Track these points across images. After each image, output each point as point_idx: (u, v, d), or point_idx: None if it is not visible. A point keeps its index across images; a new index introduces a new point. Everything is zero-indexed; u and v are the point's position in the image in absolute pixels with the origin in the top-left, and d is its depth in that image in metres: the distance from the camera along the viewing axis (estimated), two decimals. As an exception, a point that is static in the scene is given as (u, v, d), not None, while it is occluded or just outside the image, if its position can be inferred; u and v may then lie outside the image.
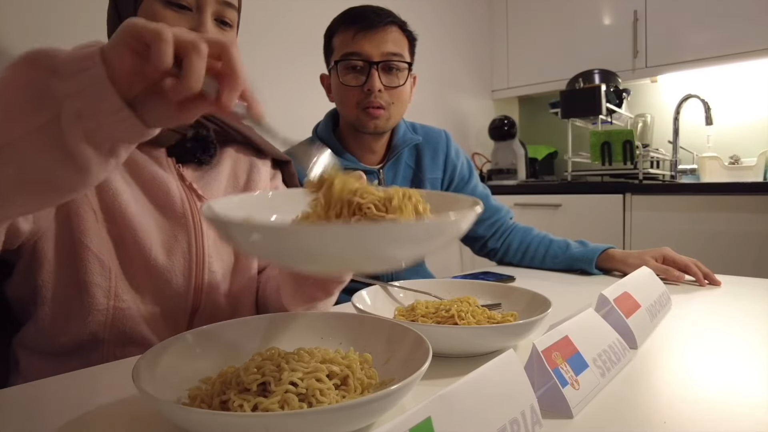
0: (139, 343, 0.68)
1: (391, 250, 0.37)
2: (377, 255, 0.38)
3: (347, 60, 1.06)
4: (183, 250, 0.70)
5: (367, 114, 1.08)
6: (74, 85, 0.37)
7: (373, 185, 0.44)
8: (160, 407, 0.38)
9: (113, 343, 0.67)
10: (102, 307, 0.65)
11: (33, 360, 0.68)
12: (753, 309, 0.82)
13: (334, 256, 0.37)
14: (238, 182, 0.80)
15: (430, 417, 0.30)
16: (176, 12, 0.64)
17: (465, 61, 2.82)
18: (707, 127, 2.36)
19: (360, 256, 0.38)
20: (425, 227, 0.39)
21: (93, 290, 0.64)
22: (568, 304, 0.78)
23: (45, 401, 0.49)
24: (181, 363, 0.50)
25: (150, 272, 0.68)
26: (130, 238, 0.67)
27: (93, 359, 0.66)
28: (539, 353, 0.45)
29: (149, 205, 0.70)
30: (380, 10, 1.08)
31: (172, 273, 0.69)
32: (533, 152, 2.90)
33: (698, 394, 0.49)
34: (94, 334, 0.65)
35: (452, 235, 0.40)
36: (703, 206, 2.00)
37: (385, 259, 0.39)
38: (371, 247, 0.36)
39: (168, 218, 0.70)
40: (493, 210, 1.28)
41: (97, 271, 0.64)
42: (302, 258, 0.39)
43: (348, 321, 0.59)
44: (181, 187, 0.72)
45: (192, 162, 0.75)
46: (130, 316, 0.66)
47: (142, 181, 0.69)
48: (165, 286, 0.69)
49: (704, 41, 2.29)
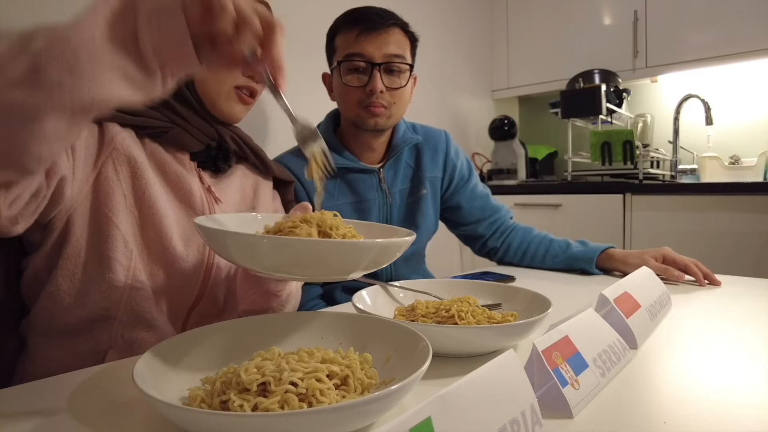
0: (146, 327, 0.72)
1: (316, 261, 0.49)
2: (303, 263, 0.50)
3: (350, 61, 1.06)
4: (199, 244, 0.77)
5: (368, 111, 1.08)
6: (155, 3, 0.44)
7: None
8: (161, 407, 0.38)
9: (123, 323, 0.71)
10: (120, 284, 0.69)
11: (41, 342, 0.71)
12: (753, 309, 0.82)
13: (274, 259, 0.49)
14: (246, 195, 0.88)
15: (430, 417, 0.30)
16: None
17: (465, 61, 2.81)
18: (707, 127, 2.36)
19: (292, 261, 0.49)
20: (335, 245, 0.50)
21: (114, 266, 0.69)
22: (568, 304, 0.78)
23: (44, 401, 0.49)
24: (182, 363, 0.50)
25: (167, 258, 0.73)
26: (154, 225, 0.72)
27: (101, 340, 0.70)
28: (539, 353, 0.45)
29: (173, 199, 0.76)
30: (383, 11, 1.08)
31: (187, 263, 0.75)
32: (533, 152, 2.90)
33: (698, 394, 0.49)
34: (107, 311, 0.70)
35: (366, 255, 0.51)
36: (703, 206, 2.00)
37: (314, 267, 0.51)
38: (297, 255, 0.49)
39: (188, 213, 0.77)
40: (493, 209, 1.28)
41: (121, 249, 0.69)
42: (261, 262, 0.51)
43: (348, 321, 0.60)
44: (201, 188, 0.79)
45: (210, 169, 0.82)
46: (143, 298, 0.71)
47: (168, 177, 0.76)
48: (177, 274, 0.75)
49: (704, 41, 2.29)
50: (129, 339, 0.71)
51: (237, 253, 0.51)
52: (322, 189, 0.61)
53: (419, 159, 1.22)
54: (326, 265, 0.50)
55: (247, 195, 0.88)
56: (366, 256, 0.51)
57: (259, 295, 0.74)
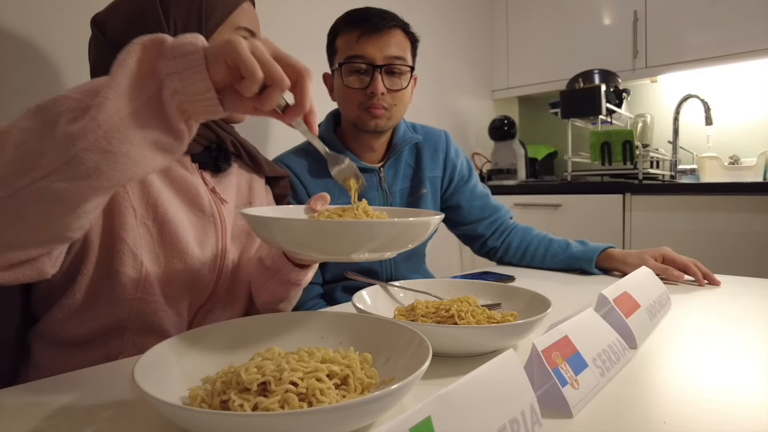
0: (158, 333, 0.73)
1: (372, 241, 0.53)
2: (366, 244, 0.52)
3: (351, 63, 1.06)
4: (212, 245, 0.78)
5: (368, 113, 1.08)
6: (177, 65, 0.45)
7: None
8: (161, 407, 0.38)
9: (134, 331, 0.72)
10: (130, 297, 0.70)
11: (47, 351, 0.72)
12: (752, 309, 0.82)
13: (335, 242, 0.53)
14: (242, 191, 0.89)
15: (430, 417, 0.30)
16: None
17: (465, 61, 2.81)
18: (707, 127, 2.36)
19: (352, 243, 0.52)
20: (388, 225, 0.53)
21: (124, 280, 0.69)
22: (567, 303, 0.78)
23: (45, 401, 0.49)
24: (182, 363, 0.50)
25: (186, 264, 0.74)
26: (170, 232, 0.73)
27: (112, 347, 0.71)
28: (539, 353, 0.46)
29: (183, 204, 0.77)
30: (384, 12, 1.08)
31: (205, 265, 0.77)
32: (533, 152, 2.90)
33: (698, 394, 0.49)
34: (119, 321, 0.71)
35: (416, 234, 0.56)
36: (703, 206, 2.00)
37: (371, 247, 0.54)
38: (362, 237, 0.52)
39: (199, 216, 0.78)
40: (492, 209, 1.28)
41: (130, 263, 0.70)
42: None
43: (348, 321, 0.60)
44: (206, 190, 0.80)
45: (210, 169, 0.83)
46: (154, 307, 0.72)
47: (175, 181, 0.76)
48: (196, 276, 0.76)
49: (704, 41, 2.29)
50: (140, 344, 0.72)
51: (306, 239, 0.54)
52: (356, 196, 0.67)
53: (419, 158, 1.23)
54: (380, 241, 0.53)
55: (243, 191, 0.89)
56: (411, 233, 0.55)
57: (279, 285, 0.76)
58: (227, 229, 0.81)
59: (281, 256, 0.74)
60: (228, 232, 0.81)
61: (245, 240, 0.86)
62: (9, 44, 1.12)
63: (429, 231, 0.59)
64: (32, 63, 1.16)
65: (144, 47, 0.46)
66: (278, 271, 0.75)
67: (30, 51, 1.16)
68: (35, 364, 0.71)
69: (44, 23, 1.16)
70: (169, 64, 0.45)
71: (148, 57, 0.45)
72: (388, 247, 0.56)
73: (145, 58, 0.45)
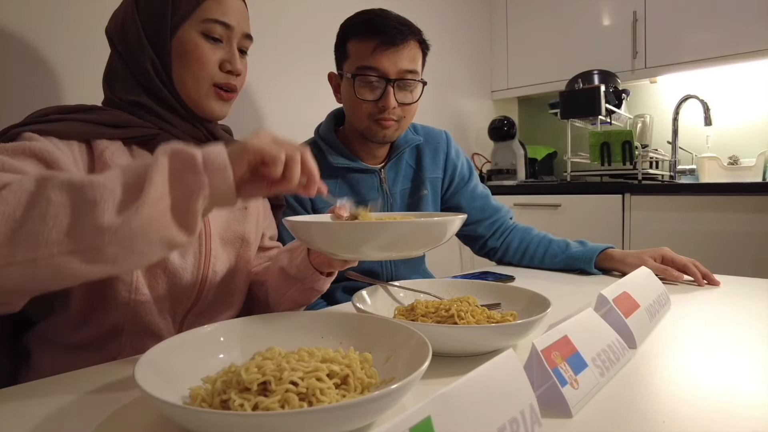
0: (154, 335, 0.74)
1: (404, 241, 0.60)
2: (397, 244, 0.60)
3: (363, 74, 1.04)
4: (194, 251, 0.78)
5: (378, 124, 1.07)
6: (210, 179, 0.49)
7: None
8: (162, 407, 0.38)
9: (131, 334, 0.73)
10: (124, 300, 0.71)
11: (46, 353, 0.73)
12: (752, 309, 0.82)
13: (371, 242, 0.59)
14: None
15: (430, 416, 0.30)
16: (211, 44, 0.78)
17: (465, 62, 2.82)
18: (706, 128, 2.37)
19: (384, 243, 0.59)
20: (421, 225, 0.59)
21: (117, 285, 0.71)
22: (567, 303, 0.78)
23: (45, 401, 0.49)
24: (182, 362, 0.50)
25: (166, 271, 0.75)
26: None
27: (110, 350, 0.72)
28: (539, 353, 0.46)
29: None
30: (401, 23, 1.04)
31: (185, 271, 0.77)
32: (533, 152, 2.90)
33: (697, 394, 0.49)
34: (115, 325, 0.72)
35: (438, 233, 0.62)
36: (702, 206, 2.00)
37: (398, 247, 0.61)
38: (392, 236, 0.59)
39: None
40: (492, 210, 1.28)
41: None
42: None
43: (348, 321, 0.60)
44: None
45: None
46: (147, 310, 0.73)
47: None
48: (177, 280, 0.76)
49: (703, 42, 2.29)
50: (138, 347, 0.73)
51: (348, 242, 0.60)
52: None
53: (420, 159, 1.22)
54: (413, 242, 0.61)
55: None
56: (438, 232, 0.62)
57: (301, 293, 0.79)
58: (212, 235, 0.80)
59: (308, 265, 0.75)
60: (213, 237, 0.81)
61: (240, 246, 0.85)
62: (9, 44, 1.12)
63: (455, 229, 0.65)
64: (32, 63, 1.16)
65: (172, 156, 0.49)
66: (303, 279, 0.77)
67: (30, 51, 1.16)
68: (35, 367, 0.72)
69: (44, 23, 1.16)
70: (201, 179, 0.49)
71: (178, 167, 0.49)
72: (419, 246, 0.63)
73: (176, 167, 0.49)
